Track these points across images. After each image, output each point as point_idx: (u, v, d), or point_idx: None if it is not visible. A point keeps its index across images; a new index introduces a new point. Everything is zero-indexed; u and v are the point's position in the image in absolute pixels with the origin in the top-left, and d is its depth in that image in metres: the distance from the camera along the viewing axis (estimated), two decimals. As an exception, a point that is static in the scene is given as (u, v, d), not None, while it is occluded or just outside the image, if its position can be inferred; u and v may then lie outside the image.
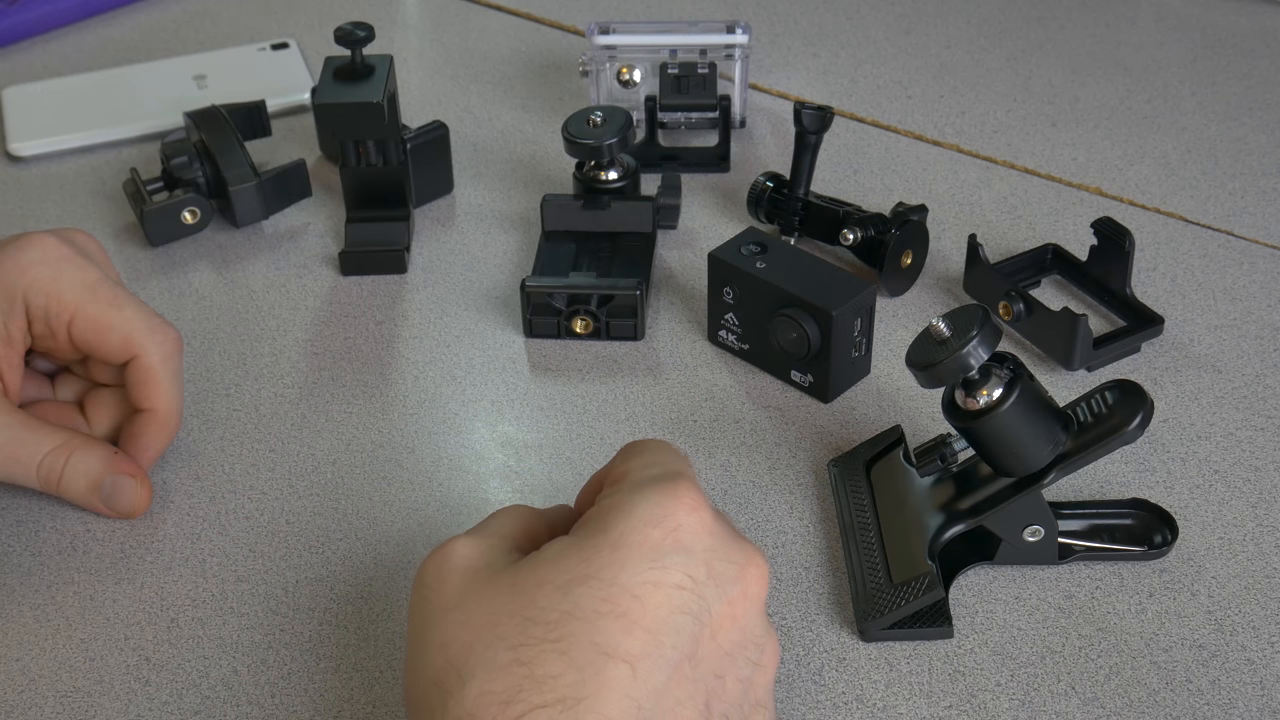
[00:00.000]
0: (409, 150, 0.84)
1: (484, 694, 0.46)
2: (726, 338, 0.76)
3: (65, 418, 0.68)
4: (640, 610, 0.47)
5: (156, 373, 0.66)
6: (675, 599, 0.48)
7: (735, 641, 0.50)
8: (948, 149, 0.92)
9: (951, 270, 0.81)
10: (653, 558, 0.48)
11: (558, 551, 0.49)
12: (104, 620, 0.62)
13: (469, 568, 0.50)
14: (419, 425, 0.72)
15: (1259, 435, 0.70)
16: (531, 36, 1.06)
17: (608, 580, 0.48)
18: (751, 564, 0.51)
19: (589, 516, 0.51)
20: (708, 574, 0.49)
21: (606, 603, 0.47)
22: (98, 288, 0.65)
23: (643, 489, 0.50)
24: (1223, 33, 1.04)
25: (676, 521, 0.49)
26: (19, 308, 0.65)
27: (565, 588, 0.48)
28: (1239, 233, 0.84)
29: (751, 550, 0.51)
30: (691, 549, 0.49)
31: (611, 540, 0.49)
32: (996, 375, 0.58)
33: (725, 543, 0.50)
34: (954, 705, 0.58)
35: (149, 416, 0.67)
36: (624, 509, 0.50)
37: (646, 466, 0.52)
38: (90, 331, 0.65)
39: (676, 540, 0.49)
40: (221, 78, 0.98)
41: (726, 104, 0.90)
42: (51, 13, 1.06)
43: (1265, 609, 0.62)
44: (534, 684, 0.46)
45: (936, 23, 1.06)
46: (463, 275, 0.82)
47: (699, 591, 0.49)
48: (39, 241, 0.65)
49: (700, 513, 0.50)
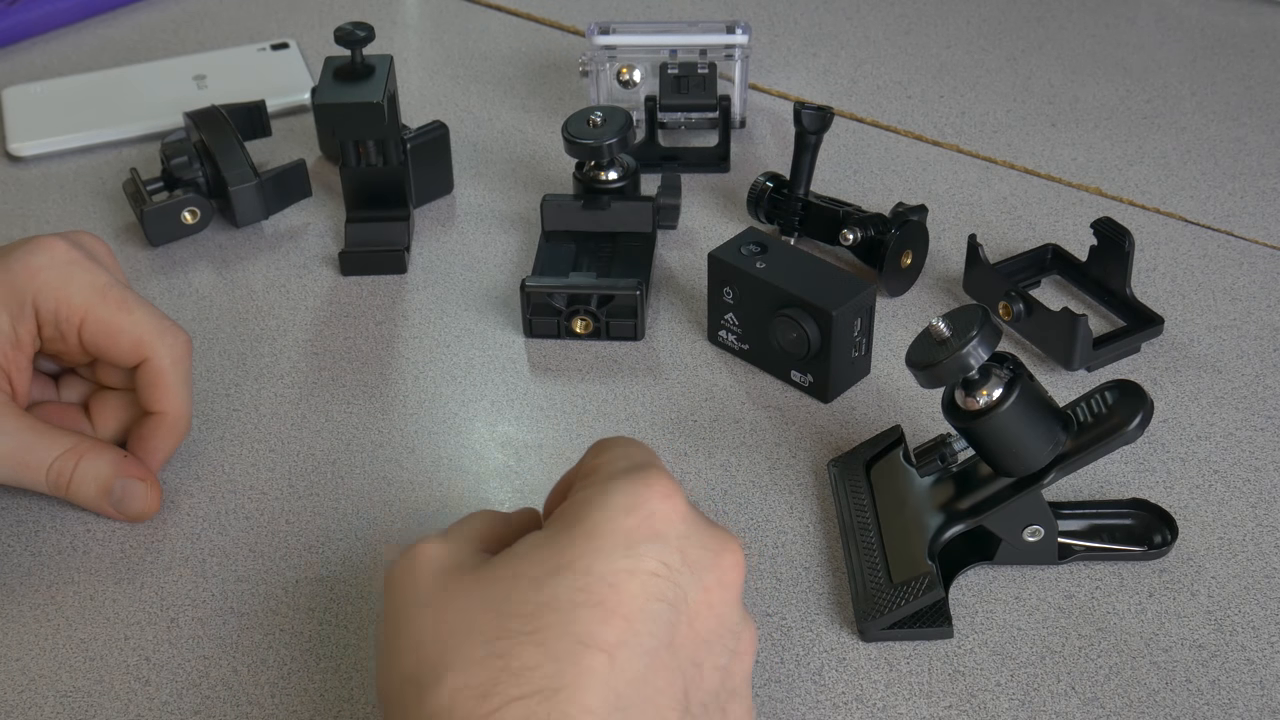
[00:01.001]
0: (409, 150, 0.84)
1: (460, 688, 0.46)
2: (726, 338, 0.76)
3: (71, 420, 0.68)
4: (617, 599, 0.47)
5: (167, 376, 0.66)
6: (651, 587, 0.48)
7: (712, 629, 0.50)
8: (948, 149, 0.92)
9: (951, 270, 0.81)
10: (627, 546, 0.48)
11: (531, 545, 0.50)
12: (104, 620, 0.62)
13: (439, 568, 0.50)
14: (419, 425, 0.72)
15: (1259, 435, 0.70)
16: (531, 36, 1.06)
17: (583, 570, 0.48)
18: (727, 551, 0.50)
19: (562, 510, 0.51)
20: (683, 561, 0.49)
21: (582, 592, 0.47)
22: (107, 291, 0.65)
23: (615, 480, 0.50)
24: (1223, 33, 1.04)
25: (650, 509, 0.49)
26: (28, 311, 0.65)
27: (540, 580, 0.48)
28: (1239, 233, 0.84)
29: (726, 537, 0.51)
30: (666, 536, 0.49)
31: (586, 530, 0.49)
32: (996, 375, 0.58)
33: (700, 530, 0.50)
34: (954, 705, 0.58)
35: (159, 419, 0.67)
36: (597, 500, 0.49)
37: (617, 460, 0.52)
38: (101, 335, 0.65)
39: (651, 528, 0.49)
40: (221, 78, 0.98)
41: (726, 104, 0.90)
42: (51, 13, 1.06)
43: (1265, 609, 0.62)
44: (510, 676, 0.46)
45: (936, 23, 1.06)
46: (463, 275, 0.82)
47: (674, 579, 0.49)
48: (48, 245, 0.65)
49: (674, 500, 0.50)
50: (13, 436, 0.64)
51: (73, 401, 0.70)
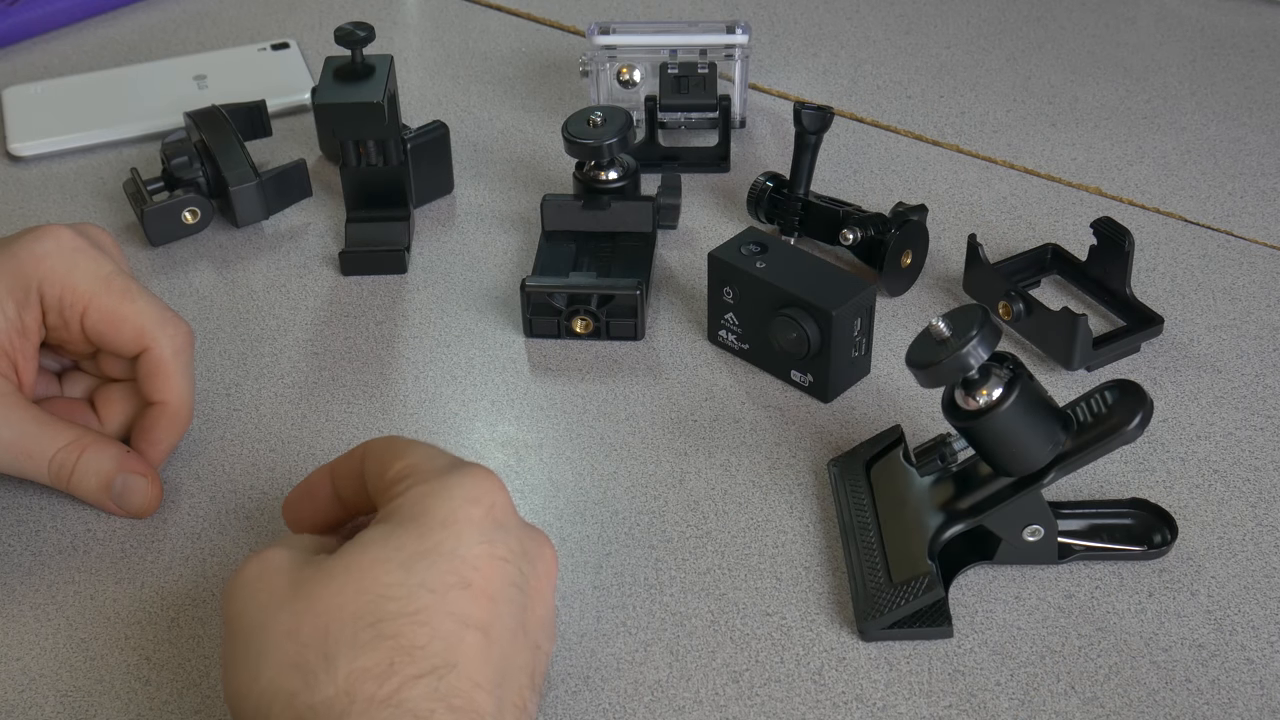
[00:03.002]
0: (409, 150, 0.84)
1: (356, 670, 0.47)
2: (726, 338, 0.76)
3: (77, 415, 0.69)
4: (482, 580, 0.50)
5: (168, 365, 0.66)
6: (504, 571, 0.51)
7: (544, 616, 0.53)
8: (948, 149, 0.92)
9: (951, 270, 0.81)
10: (480, 532, 0.51)
11: (381, 535, 0.51)
12: (105, 620, 0.62)
13: (291, 565, 0.51)
14: (419, 425, 0.72)
15: (1259, 435, 0.70)
16: (531, 36, 1.06)
17: (447, 553, 0.50)
18: (546, 545, 0.54)
19: (397, 505, 0.52)
20: (521, 549, 0.52)
21: (452, 574, 0.49)
22: (111, 279, 0.66)
23: (452, 474, 0.52)
24: (1223, 33, 1.04)
25: (491, 500, 0.52)
26: (34, 298, 0.65)
27: (406, 564, 0.49)
28: (1238, 233, 0.84)
29: (542, 534, 0.55)
30: (507, 526, 0.52)
31: (440, 519, 0.51)
32: (996, 375, 0.59)
33: (524, 525, 0.54)
34: (954, 705, 0.58)
35: (160, 410, 0.67)
36: (440, 493, 0.52)
37: (432, 458, 0.54)
38: (103, 323, 0.65)
39: (494, 518, 0.52)
40: (222, 78, 0.98)
41: (726, 104, 0.90)
42: (51, 13, 1.06)
43: (1265, 609, 0.62)
44: (405, 655, 0.47)
45: (936, 23, 1.06)
46: (463, 275, 0.82)
47: (519, 565, 0.51)
48: (54, 233, 0.66)
49: (504, 494, 0.53)
50: (17, 427, 0.64)
51: (77, 397, 0.70)
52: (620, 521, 0.66)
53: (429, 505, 0.51)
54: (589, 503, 0.67)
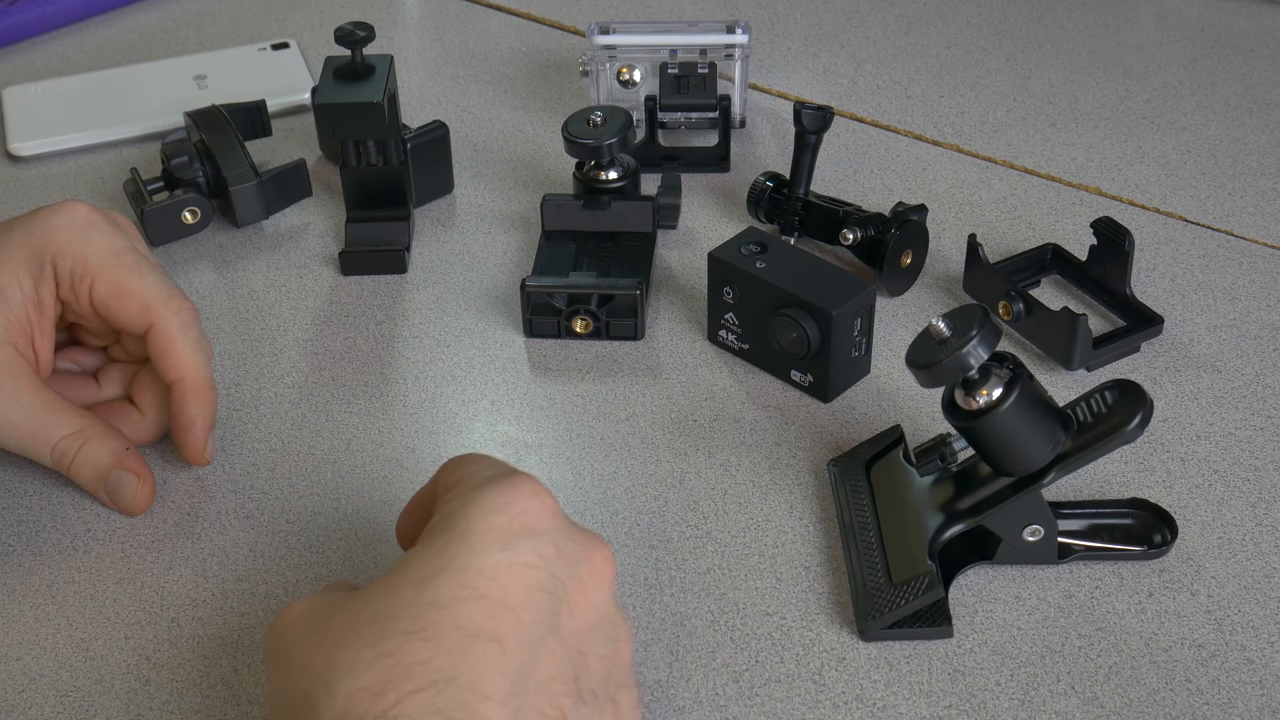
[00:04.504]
0: (409, 150, 0.84)
1: (354, 691, 0.46)
2: (726, 338, 0.76)
3: (118, 416, 0.69)
4: (499, 590, 0.48)
5: (176, 340, 0.67)
6: (530, 578, 0.49)
7: (592, 620, 0.51)
8: (948, 149, 0.92)
9: (951, 270, 0.81)
10: (502, 542, 0.49)
11: (406, 559, 0.50)
12: (104, 620, 0.62)
13: (315, 608, 0.51)
14: (419, 425, 0.72)
15: (1259, 435, 0.70)
16: (531, 36, 1.06)
17: (460, 567, 0.49)
18: (596, 546, 0.52)
19: (432, 525, 0.52)
20: (557, 553, 0.50)
21: (464, 588, 0.48)
22: (122, 254, 0.66)
23: (482, 486, 0.51)
24: (1223, 33, 1.04)
25: (520, 507, 0.51)
26: (48, 272, 0.66)
27: (420, 584, 0.49)
28: (1238, 233, 0.84)
29: (596, 535, 0.53)
30: (538, 531, 0.50)
31: (459, 533, 0.50)
32: (996, 375, 0.59)
33: (569, 526, 0.52)
34: (954, 705, 0.58)
35: (179, 388, 0.67)
36: (466, 506, 0.51)
37: (480, 470, 0.53)
38: (110, 296, 0.66)
39: (523, 524, 0.50)
40: (222, 78, 0.98)
41: (726, 104, 0.90)
42: (51, 13, 1.06)
43: (1265, 609, 0.62)
44: (403, 671, 0.46)
45: (936, 23, 1.06)
46: (463, 275, 0.82)
47: (551, 569, 0.50)
48: (70, 208, 0.67)
49: (542, 497, 0.51)
50: (27, 410, 0.65)
51: (116, 395, 0.71)
52: (620, 521, 0.66)
53: (453, 520, 0.50)
54: (589, 503, 0.67)
